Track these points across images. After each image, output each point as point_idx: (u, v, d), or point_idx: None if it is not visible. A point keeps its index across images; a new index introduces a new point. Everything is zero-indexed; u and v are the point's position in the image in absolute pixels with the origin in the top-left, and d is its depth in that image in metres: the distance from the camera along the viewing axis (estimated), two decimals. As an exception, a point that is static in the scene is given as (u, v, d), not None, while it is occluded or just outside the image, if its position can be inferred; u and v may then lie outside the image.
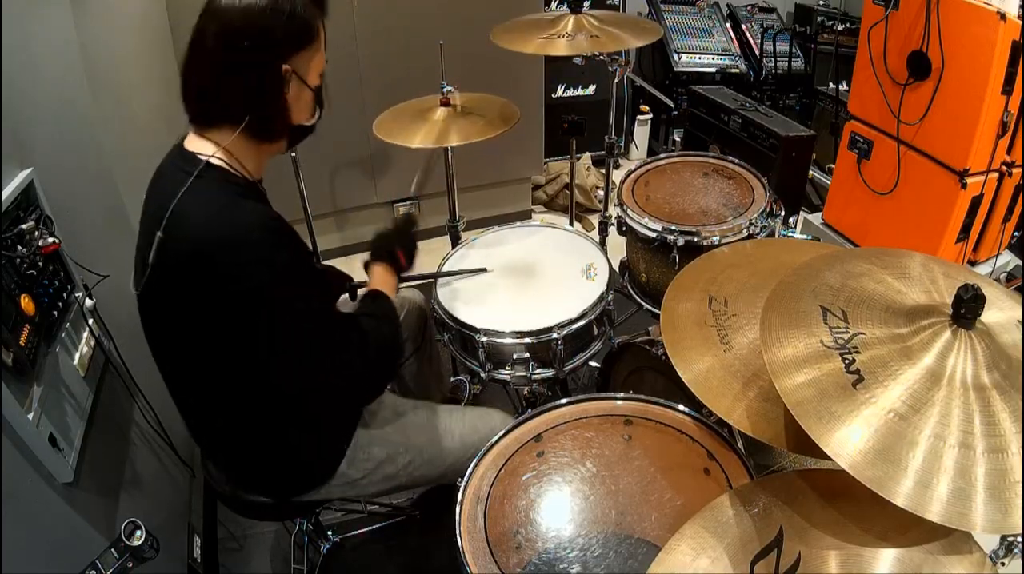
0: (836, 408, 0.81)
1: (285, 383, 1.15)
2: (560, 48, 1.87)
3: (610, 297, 1.64)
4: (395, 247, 1.44)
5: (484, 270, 1.74)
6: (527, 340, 1.54)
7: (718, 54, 3.86)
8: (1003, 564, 0.99)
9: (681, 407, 1.27)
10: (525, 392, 1.72)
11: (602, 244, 2.16)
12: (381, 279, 1.41)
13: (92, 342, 1.39)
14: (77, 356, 1.33)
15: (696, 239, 1.72)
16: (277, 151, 1.20)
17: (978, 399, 0.80)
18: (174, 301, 1.08)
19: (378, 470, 1.36)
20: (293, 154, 2.06)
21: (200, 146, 1.10)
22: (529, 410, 1.31)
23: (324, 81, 1.18)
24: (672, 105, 3.19)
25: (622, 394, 1.32)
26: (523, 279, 1.73)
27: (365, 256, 1.47)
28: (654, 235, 1.77)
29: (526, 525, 1.09)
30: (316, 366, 1.14)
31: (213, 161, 1.08)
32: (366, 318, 1.25)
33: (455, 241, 2.13)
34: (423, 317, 1.80)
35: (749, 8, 4.08)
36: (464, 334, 1.59)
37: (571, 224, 2.74)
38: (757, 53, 3.92)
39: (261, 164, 1.19)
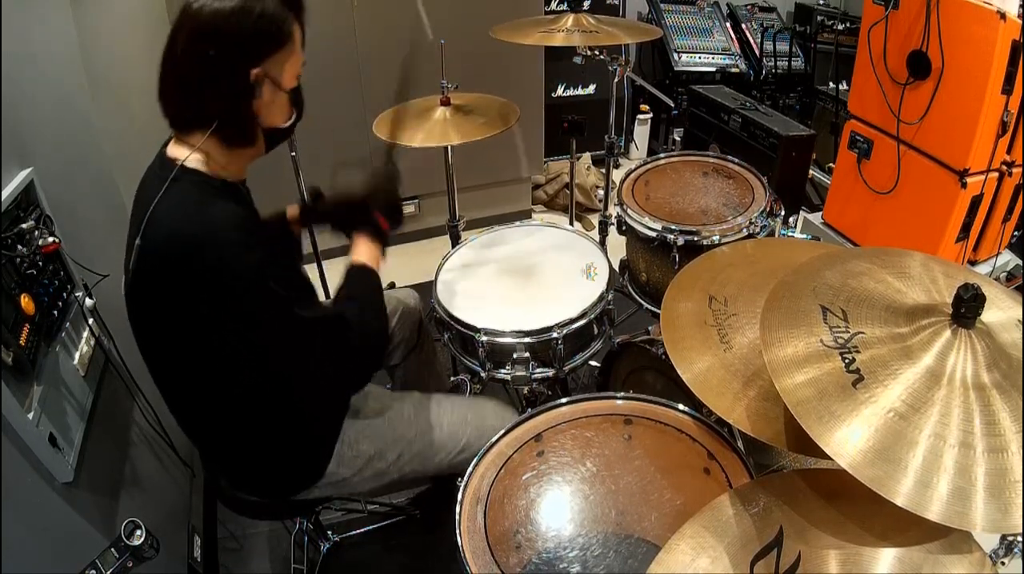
0: (836, 408, 0.81)
1: (266, 384, 1.15)
2: (558, 39, 1.87)
3: (610, 297, 1.64)
4: (372, 210, 1.36)
5: None
6: (527, 340, 1.54)
7: (718, 54, 3.86)
8: (1003, 564, 1.00)
9: (681, 407, 1.27)
10: (525, 392, 1.72)
11: (602, 244, 2.16)
12: (365, 250, 1.33)
13: (92, 342, 1.39)
14: (77, 356, 1.34)
15: (696, 239, 1.72)
16: (256, 154, 1.18)
17: (978, 399, 0.80)
18: (154, 303, 1.08)
19: (368, 467, 1.35)
20: (293, 154, 2.06)
21: (178, 151, 1.09)
22: (529, 410, 1.30)
23: (300, 83, 1.15)
24: (672, 105, 3.19)
25: (622, 394, 1.32)
26: (523, 279, 1.73)
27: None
28: (654, 235, 1.77)
29: (526, 525, 1.09)
30: (295, 369, 1.13)
31: (189, 164, 1.07)
32: (349, 305, 1.21)
33: (455, 241, 2.13)
34: (418, 319, 1.79)
35: (749, 8, 4.08)
36: (464, 334, 1.59)
37: (571, 224, 2.74)
38: (757, 53, 3.92)
39: (240, 166, 1.18)
